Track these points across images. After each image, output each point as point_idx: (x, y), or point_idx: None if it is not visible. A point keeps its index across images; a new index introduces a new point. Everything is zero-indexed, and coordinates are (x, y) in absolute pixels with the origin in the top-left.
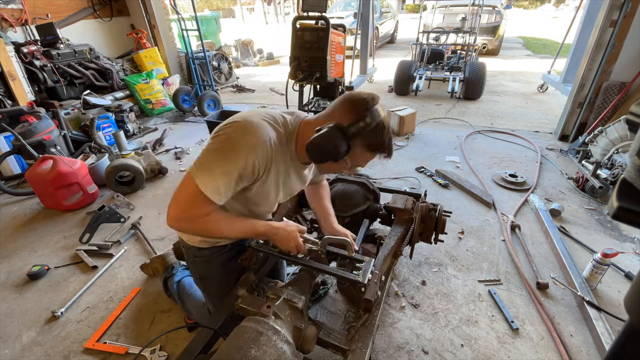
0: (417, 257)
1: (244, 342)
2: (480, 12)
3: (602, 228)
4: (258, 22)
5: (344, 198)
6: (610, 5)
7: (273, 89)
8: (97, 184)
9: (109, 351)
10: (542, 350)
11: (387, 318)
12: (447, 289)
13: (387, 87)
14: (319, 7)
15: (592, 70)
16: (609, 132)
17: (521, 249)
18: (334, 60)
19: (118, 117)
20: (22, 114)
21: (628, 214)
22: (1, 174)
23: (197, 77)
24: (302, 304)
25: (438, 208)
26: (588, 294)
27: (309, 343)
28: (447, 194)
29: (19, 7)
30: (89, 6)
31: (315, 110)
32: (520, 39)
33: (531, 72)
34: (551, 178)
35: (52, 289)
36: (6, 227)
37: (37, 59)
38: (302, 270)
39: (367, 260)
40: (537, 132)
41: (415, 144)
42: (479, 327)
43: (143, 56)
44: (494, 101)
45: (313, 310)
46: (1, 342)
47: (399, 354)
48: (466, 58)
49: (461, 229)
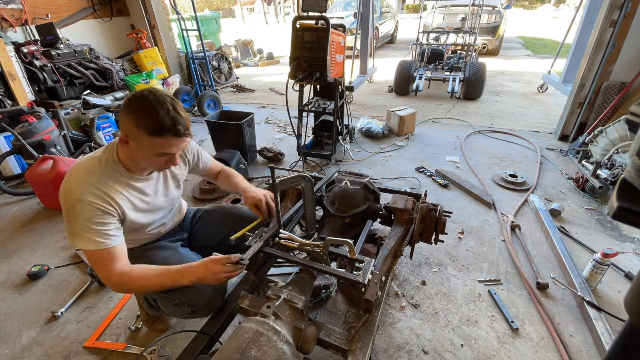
0: (417, 257)
1: (244, 342)
2: (480, 12)
3: (602, 228)
4: (258, 22)
5: (344, 198)
6: (610, 5)
7: (273, 89)
8: None
9: (109, 348)
10: (542, 350)
11: (387, 318)
12: (447, 289)
13: (387, 87)
14: (319, 7)
15: (592, 70)
16: (609, 132)
17: (521, 249)
18: (334, 60)
19: (118, 117)
20: (22, 114)
21: (628, 214)
22: (1, 174)
23: (197, 77)
24: (302, 304)
25: (438, 208)
26: (588, 294)
27: (309, 343)
28: (447, 194)
29: (19, 7)
30: (89, 6)
31: (315, 110)
32: (520, 39)
33: (531, 72)
34: (551, 178)
35: (52, 289)
36: (6, 227)
37: (37, 59)
38: (302, 271)
39: (367, 260)
40: (537, 132)
41: (415, 144)
42: (479, 327)
43: (143, 56)
44: (494, 101)
45: (313, 310)
46: (1, 342)
47: (399, 354)
48: (466, 58)
49: (461, 229)
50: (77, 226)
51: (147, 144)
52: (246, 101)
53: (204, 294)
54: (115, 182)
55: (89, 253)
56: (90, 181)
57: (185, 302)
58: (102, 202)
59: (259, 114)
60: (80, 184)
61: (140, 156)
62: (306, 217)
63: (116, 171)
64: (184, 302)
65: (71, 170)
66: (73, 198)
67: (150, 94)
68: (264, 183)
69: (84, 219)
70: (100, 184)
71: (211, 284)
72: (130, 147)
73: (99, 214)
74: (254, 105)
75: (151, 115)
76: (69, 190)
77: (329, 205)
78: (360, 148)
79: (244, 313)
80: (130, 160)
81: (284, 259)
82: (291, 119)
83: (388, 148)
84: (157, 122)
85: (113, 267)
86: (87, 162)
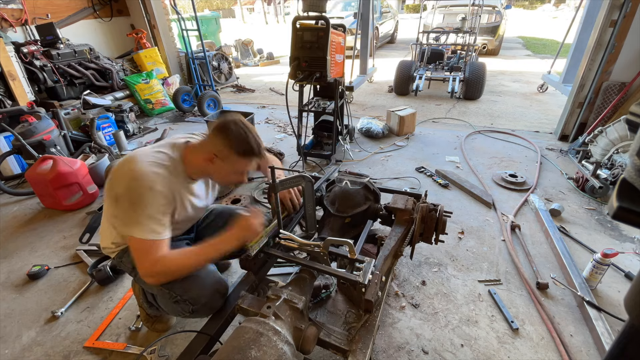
0: (417, 257)
1: (244, 342)
2: (480, 12)
3: (602, 228)
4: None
5: (345, 198)
6: (610, 5)
7: (273, 89)
8: (97, 184)
9: (109, 348)
10: (542, 350)
11: (387, 318)
12: (447, 289)
13: (387, 87)
14: (319, 7)
15: (592, 70)
16: (609, 132)
17: (521, 249)
18: (334, 60)
19: (118, 117)
20: (22, 114)
21: (628, 214)
22: (1, 174)
23: (197, 77)
24: (303, 304)
25: (438, 208)
26: (588, 294)
27: (309, 344)
28: (447, 194)
29: (19, 7)
30: (89, 6)
31: (315, 110)
32: (520, 39)
33: (531, 72)
34: (551, 178)
35: (52, 289)
36: (6, 227)
37: (37, 59)
38: (302, 271)
39: (368, 260)
40: (537, 132)
41: (415, 144)
42: (479, 327)
43: (143, 56)
44: (493, 101)
45: (313, 310)
46: (1, 342)
47: (399, 354)
48: (466, 58)
49: (461, 229)
50: (142, 214)
51: (235, 163)
52: (246, 101)
53: (205, 292)
54: (177, 181)
55: (139, 242)
56: (162, 173)
57: (186, 300)
58: (170, 193)
59: (259, 114)
60: (155, 173)
61: (222, 172)
62: (306, 217)
63: (179, 172)
64: (185, 299)
65: (134, 158)
66: (144, 185)
67: (242, 123)
68: (264, 183)
69: (153, 208)
70: (169, 179)
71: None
72: (215, 164)
73: (166, 204)
74: (254, 105)
75: (244, 141)
76: (139, 176)
77: (329, 205)
78: (360, 148)
79: (244, 313)
80: (200, 172)
81: (284, 259)
82: (291, 119)
83: (388, 148)
84: (249, 147)
85: (158, 256)
86: (155, 154)
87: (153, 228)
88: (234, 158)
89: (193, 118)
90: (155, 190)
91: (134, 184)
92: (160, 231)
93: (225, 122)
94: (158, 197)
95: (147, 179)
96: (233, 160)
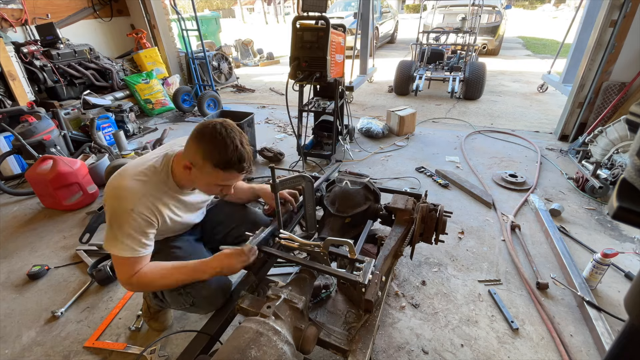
0: (417, 257)
1: (244, 342)
2: (480, 12)
3: (602, 228)
4: (258, 22)
5: (345, 198)
6: (610, 5)
7: (273, 89)
8: (97, 184)
9: (109, 348)
10: (542, 350)
11: (387, 318)
12: (447, 289)
13: (387, 87)
14: (319, 7)
15: (592, 70)
16: (609, 132)
17: (521, 249)
18: (334, 60)
19: (118, 117)
20: (22, 114)
21: (628, 214)
22: (1, 174)
23: (197, 77)
24: (303, 304)
25: (439, 208)
26: (588, 294)
27: (309, 344)
28: (447, 194)
29: (19, 7)
30: (89, 6)
31: (315, 110)
32: (520, 39)
33: (531, 72)
34: (551, 178)
35: (52, 289)
36: (6, 227)
37: (37, 59)
38: (302, 271)
39: (368, 260)
40: (537, 132)
41: (415, 144)
42: (479, 327)
43: (143, 56)
44: (493, 101)
45: (313, 310)
46: (1, 342)
47: (399, 354)
48: (466, 58)
49: (461, 229)
50: (120, 233)
51: (210, 174)
52: (246, 101)
53: (209, 287)
54: (164, 194)
55: (118, 258)
56: (144, 191)
57: (189, 292)
58: (150, 214)
59: (259, 114)
60: (135, 193)
61: (199, 182)
62: (306, 217)
63: (167, 185)
64: (188, 291)
65: (120, 175)
66: (126, 207)
67: (222, 127)
68: (264, 183)
69: (131, 229)
70: (152, 195)
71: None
72: (192, 173)
73: (145, 225)
74: (254, 105)
75: (220, 150)
76: (122, 196)
77: (330, 205)
78: (360, 148)
79: (244, 313)
80: (186, 181)
81: (284, 259)
82: (291, 119)
83: (388, 148)
84: (225, 158)
85: (135, 270)
86: (143, 167)
87: (132, 247)
88: (208, 169)
89: (193, 118)
90: (136, 211)
91: (116, 204)
92: (139, 249)
93: (203, 128)
94: (138, 219)
95: (129, 200)
96: (208, 171)
